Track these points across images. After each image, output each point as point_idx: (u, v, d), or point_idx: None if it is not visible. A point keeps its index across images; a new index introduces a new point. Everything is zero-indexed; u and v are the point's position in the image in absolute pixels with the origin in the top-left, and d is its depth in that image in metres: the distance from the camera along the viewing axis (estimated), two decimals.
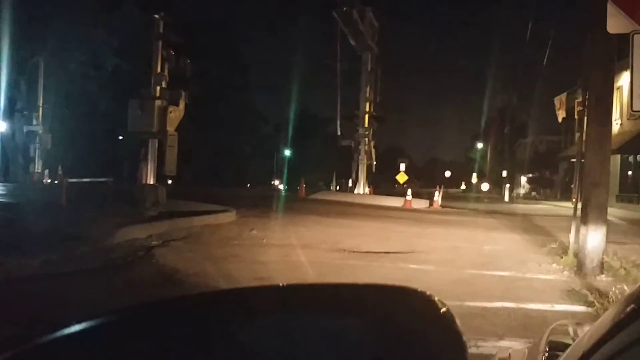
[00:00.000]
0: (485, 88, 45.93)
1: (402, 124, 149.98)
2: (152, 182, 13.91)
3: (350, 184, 29.74)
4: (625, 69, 6.20)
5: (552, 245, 8.63)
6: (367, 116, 27.92)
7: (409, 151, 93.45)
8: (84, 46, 26.96)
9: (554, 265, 7.26)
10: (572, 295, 5.58)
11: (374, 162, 28.83)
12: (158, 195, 12.48)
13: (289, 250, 7.86)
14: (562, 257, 7.52)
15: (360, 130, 27.83)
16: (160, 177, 14.41)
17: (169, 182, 23.84)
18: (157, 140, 14.07)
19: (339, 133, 29.54)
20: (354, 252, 7.98)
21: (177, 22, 14.75)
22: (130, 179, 20.87)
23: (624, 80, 13.42)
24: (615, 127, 19.91)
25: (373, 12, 27.39)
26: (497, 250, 8.80)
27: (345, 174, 31.99)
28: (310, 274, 6.13)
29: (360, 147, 27.84)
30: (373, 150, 28.76)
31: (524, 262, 7.47)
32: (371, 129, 28.41)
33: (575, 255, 7.03)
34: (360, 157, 27.82)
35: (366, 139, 27.88)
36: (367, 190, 27.72)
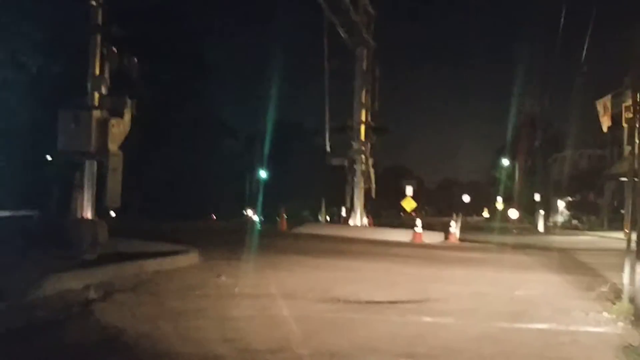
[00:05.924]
0: (511, 90, 46.28)
1: (408, 137, 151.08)
2: (89, 216, 13.81)
3: (343, 214, 29.70)
4: None
5: (602, 289, 8.69)
6: (363, 127, 27.98)
7: (417, 171, 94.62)
8: None
9: (605, 313, 7.27)
10: (629, 352, 5.56)
11: (374, 186, 28.83)
12: (97, 233, 12.36)
13: (268, 301, 7.79)
14: (614, 304, 7.58)
15: (355, 146, 27.88)
16: (100, 209, 14.32)
17: (112, 215, 23.73)
18: (95, 162, 14.01)
19: (328, 149, 29.28)
20: (350, 302, 7.93)
21: (121, 11, 14.78)
22: (61, 212, 20.69)
23: None
24: None
25: None
26: (532, 296, 8.82)
27: (337, 201, 31.96)
28: (296, 333, 6.04)
29: (355, 166, 27.88)
30: (372, 171, 28.80)
31: (567, 311, 7.47)
32: (369, 144, 28.50)
33: (632, 300, 7.07)
34: (355, 180, 27.84)
35: (363, 157, 27.94)
36: (365, 221, 27.72)
